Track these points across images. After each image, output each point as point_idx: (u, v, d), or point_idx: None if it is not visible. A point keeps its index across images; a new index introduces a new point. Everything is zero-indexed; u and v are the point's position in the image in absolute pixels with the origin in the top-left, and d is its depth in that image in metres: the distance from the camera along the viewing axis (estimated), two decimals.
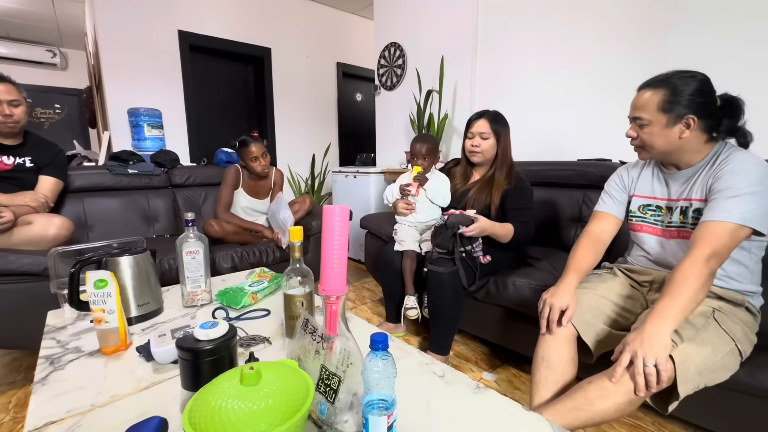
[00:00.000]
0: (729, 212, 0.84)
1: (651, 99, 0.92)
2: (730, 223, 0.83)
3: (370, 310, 2.16)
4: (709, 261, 0.82)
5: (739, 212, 0.83)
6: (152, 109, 3.03)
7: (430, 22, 2.75)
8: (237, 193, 2.12)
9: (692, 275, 0.81)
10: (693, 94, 0.89)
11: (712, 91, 0.92)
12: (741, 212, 0.83)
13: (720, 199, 0.87)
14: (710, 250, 0.82)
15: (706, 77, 0.92)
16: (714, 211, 0.86)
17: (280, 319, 1.02)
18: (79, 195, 2.03)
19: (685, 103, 0.89)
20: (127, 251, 1.03)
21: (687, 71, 0.93)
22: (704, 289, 0.82)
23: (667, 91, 0.90)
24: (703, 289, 0.81)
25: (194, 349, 0.62)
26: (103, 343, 0.84)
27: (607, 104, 1.92)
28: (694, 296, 0.80)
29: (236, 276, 1.45)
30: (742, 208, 0.84)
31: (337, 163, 4.44)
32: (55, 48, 5.35)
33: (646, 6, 1.74)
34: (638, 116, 0.95)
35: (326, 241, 0.61)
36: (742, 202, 0.84)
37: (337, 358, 0.59)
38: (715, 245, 0.83)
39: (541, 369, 0.99)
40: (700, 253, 0.83)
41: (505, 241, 1.48)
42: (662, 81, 0.93)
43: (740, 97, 0.92)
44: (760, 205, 0.84)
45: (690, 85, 0.90)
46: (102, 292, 0.83)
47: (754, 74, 1.49)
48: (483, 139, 1.54)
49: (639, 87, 0.99)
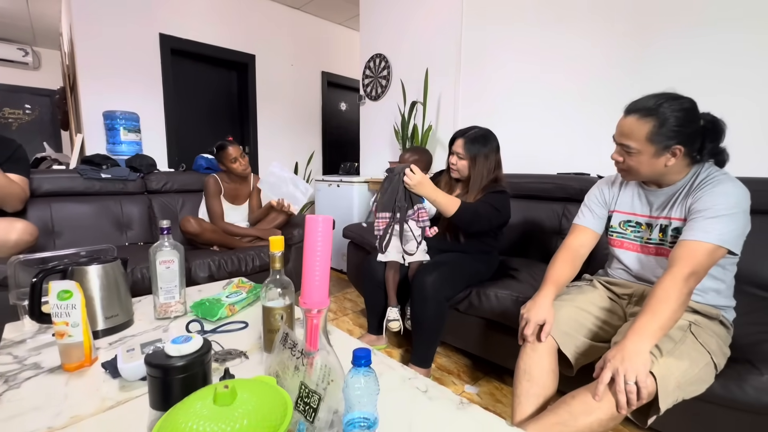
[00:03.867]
0: (708, 233, 0.86)
1: (639, 129, 0.91)
2: (709, 243, 0.86)
3: (352, 321, 2.12)
4: (689, 280, 0.84)
5: (718, 233, 0.86)
6: (129, 112, 2.94)
7: (415, 35, 2.79)
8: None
9: (673, 293, 0.82)
10: (681, 124, 0.89)
11: (698, 118, 0.92)
12: (719, 233, 0.86)
13: (699, 220, 0.89)
14: (690, 270, 0.84)
15: (693, 103, 0.91)
16: (694, 231, 0.88)
17: (258, 332, 0.98)
18: (46, 199, 1.93)
19: (673, 135, 0.89)
20: (96, 260, 0.98)
21: (675, 98, 0.91)
22: (683, 307, 0.83)
23: (656, 122, 0.89)
24: (682, 308, 0.83)
25: (164, 365, 0.58)
26: (65, 359, 0.79)
27: (585, 120, 1.98)
28: (673, 314, 0.82)
29: (213, 286, 1.40)
30: (721, 229, 0.86)
31: (320, 171, 4.41)
32: (28, 47, 5.15)
33: (626, 24, 1.81)
34: (626, 144, 0.95)
35: (308, 253, 0.59)
36: (721, 224, 0.86)
37: (318, 375, 0.56)
38: (695, 265, 0.85)
39: (523, 382, 0.99)
40: (680, 271, 0.84)
41: (447, 213, 1.44)
42: (651, 110, 0.90)
43: (722, 119, 0.93)
44: (736, 227, 0.87)
45: (677, 114, 0.89)
46: (66, 304, 0.78)
47: (731, 92, 1.54)
48: (459, 158, 1.55)
49: (626, 109, 0.96)
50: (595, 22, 1.90)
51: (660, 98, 0.91)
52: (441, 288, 1.43)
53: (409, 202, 1.45)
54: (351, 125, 4.58)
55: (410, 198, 1.45)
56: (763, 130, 1.50)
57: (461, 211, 1.43)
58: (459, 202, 1.44)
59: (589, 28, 1.93)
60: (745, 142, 1.50)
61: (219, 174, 2.15)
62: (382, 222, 1.46)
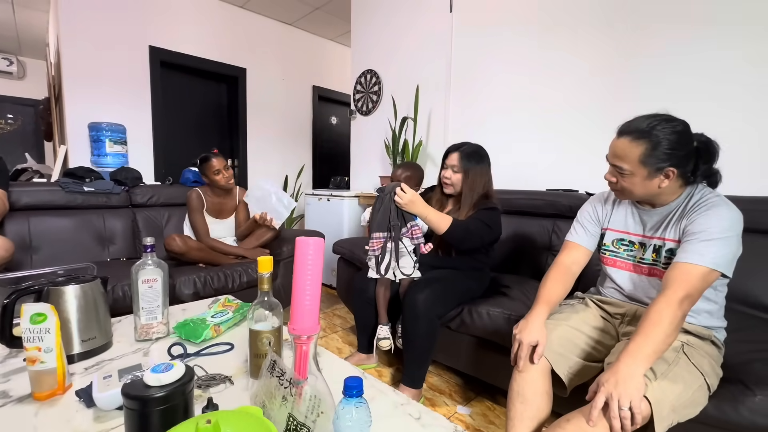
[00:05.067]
0: (703, 256, 0.86)
1: (632, 151, 0.91)
2: (704, 266, 0.85)
3: (342, 339, 2.08)
4: (683, 303, 0.83)
5: (712, 257, 0.85)
6: (116, 124, 2.89)
7: (405, 52, 2.83)
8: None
9: (667, 316, 0.82)
10: (674, 147, 0.89)
11: (691, 141, 0.92)
12: (714, 257, 0.85)
13: (694, 242, 0.89)
14: (684, 293, 0.83)
15: (686, 126, 0.91)
16: (688, 253, 0.88)
17: (244, 354, 0.94)
18: (24, 213, 1.86)
19: (666, 157, 0.89)
20: (74, 279, 0.94)
21: (668, 120, 0.91)
22: (677, 330, 0.83)
23: (648, 145, 0.89)
24: (676, 331, 0.83)
25: (143, 397, 0.55)
26: (35, 387, 0.74)
27: (574, 137, 2.01)
28: (667, 338, 0.81)
29: (198, 305, 1.35)
30: (715, 252, 0.86)
31: (310, 185, 4.39)
32: (13, 56, 5.07)
33: (615, 42, 1.85)
34: (618, 165, 0.95)
35: (298, 277, 0.56)
36: (715, 247, 0.86)
37: (307, 406, 0.53)
38: (689, 288, 0.84)
39: (516, 404, 0.97)
40: (674, 294, 0.84)
41: (439, 231, 1.43)
42: (644, 132, 0.90)
43: (715, 141, 0.94)
44: (729, 250, 0.87)
45: (670, 137, 0.89)
46: (39, 328, 0.74)
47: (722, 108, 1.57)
48: (453, 172, 1.56)
49: (619, 130, 0.96)
50: (583, 40, 1.95)
51: (653, 120, 0.91)
52: (433, 306, 1.41)
53: (402, 221, 1.44)
54: (342, 139, 4.59)
55: (403, 216, 1.44)
56: (752, 148, 1.53)
57: (453, 228, 1.43)
58: (450, 219, 1.44)
59: (578, 47, 1.98)
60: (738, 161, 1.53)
61: (202, 188, 2.09)
62: (377, 242, 1.45)
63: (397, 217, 1.43)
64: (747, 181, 1.51)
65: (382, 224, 1.44)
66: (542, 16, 2.10)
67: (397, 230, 1.44)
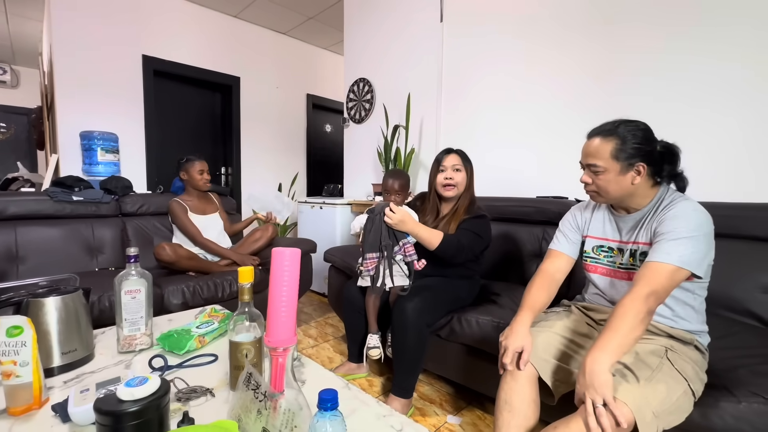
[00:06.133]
0: (669, 254, 0.89)
1: (603, 147, 0.97)
2: (670, 264, 0.88)
3: (333, 348, 2.06)
4: (648, 299, 0.85)
5: (678, 255, 0.88)
6: (108, 132, 2.89)
7: (398, 61, 2.86)
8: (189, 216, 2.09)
9: (631, 311, 0.84)
10: (640, 142, 0.95)
11: (654, 140, 0.99)
12: (679, 255, 0.88)
13: (662, 242, 0.91)
14: (649, 289, 0.86)
15: (647, 126, 0.99)
16: (655, 253, 0.91)
17: (227, 366, 0.93)
18: (11, 223, 1.85)
19: (634, 152, 0.95)
20: (55, 291, 0.93)
21: (631, 121, 0.99)
22: (642, 325, 0.84)
23: (617, 140, 0.96)
24: (641, 325, 0.84)
25: (115, 412, 0.54)
26: (10, 402, 0.73)
27: (563, 144, 2.03)
28: (632, 331, 0.83)
29: (185, 315, 1.34)
30: (681, 251, 0.88)
31: (304, 192, 4.39)
32: (6, 65, 5.06)
33: (604, 55, 1.88)
34: (593, 163, 0.99)
35: (274, 288, 0.56)
36: (681, 246, 0.89)
37: (281, 420, 0.53)
38: (655, 284, 0.86)
39: (504, 413, 0.97)
40: (639, 290, 0.86)
41: (431, 248, 1.45)
42: (611, 131, 0.98)
43: (675, 144, 1.00)
44: (696, 249, 0.89)
45: (636, 134, 0.96)
46: (15, 341, 0.73)
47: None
48: (455, 170, 1.57)
49: (588, 134, 1.03)
50: (571, 49, 1.98)
51: (616, 122, 0.99)
52: (422, 314, 1.40)
53: (394, 239, 1.45)
54: (335, 147, 4.60)
55: (394, 235, 1.44)
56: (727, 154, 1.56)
57: (444, 244, 1.44)
58: (441, 235, 1.45)
59: (566, 56, 2.01)
60: (717, 168, 1.56)
61: (179, 197, 2.12)
62: (371, 262, 1.45)
63: (388, 237, 1.44)
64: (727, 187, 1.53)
65: (374, 245, 1.44)
66: (532, 27, 2.13)
67: (389, 249, 1.44)
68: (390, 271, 1.47)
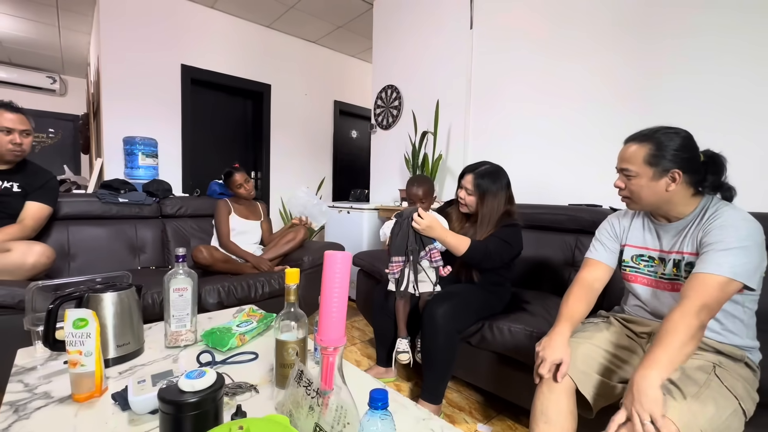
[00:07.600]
0: (720, 265, 0.85)
1: (637, 152, 0.96)
2: (721, 276, 0.84)
3: (360, 351, 2.08)
4: (700, 313, 0.81)
5: (730, 266, 0.84)
6: (148, 138, 3.04)
7: (426, 68, 2.88)
8: (230, 218, 2.22)
9: (682, 326, 0.80)
10: (677, 149, 0.93)
11: (695, 148, 0.96)
12: (731, 266, 0.84)
13: (711, 252, 0.88)
14: (701, 303, 0.82)
15: (688, 134, 0.96)
16: (705, 264, 0.87)
17: (268, 364, 0.97)
18: (64, 223, 1.98)
19: (670, 158, 0.93)
20: (112, 287, 0.99)
21: (671, 128, 0.97)
22: (694, 340, 0.81)
23: (652, 145, 0.94)
24: (693, 341, 0.81)
25: (178, 402, 0.58)
26: (75, 389, 0.78)
27: (596, 152, 1.99)
28: (683, 347, 0.80)
29: (224, 314, 1.39)
30: (733, 261, 0.84)
31: (330, 197, 4.46)
32: (56, 74, 5.42)
33: (636, 57, 1.84)
34: (625, 168, 0.99)
35: (326, 290, 0.59)
36: (732, 256, 0.85)
37: (333, 417, 0.55)
38: (706, 298, 0.83)
39: (540, 424, 0.95)
40: (690, 304, 0.83)
41: (458, 254, 1.45)
42: (647, 136, 0.97)
43: (722, 154, 0.97)
44: (749, 260, 0.85)
45: (674, 141, 0.94)
46: (81, 333, 0.79)
47: (735, 131, 1.56)
48: (467, 194, 1.56)
49: (625, 140, 1.02)
50: (604, 56, 1.95)
51: (655, 128, 0.98)
52: (452, 320, 1.40)
53: (420, 244, 1.46)
54: (362, 152, 4.66)
55: (421, 240, 1.46)
56: None
57: (471, 250, 1.44)
58: (469, 241, 1.44)
59: (598, 62, 1.97)
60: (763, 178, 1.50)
61: (230, 198, 2.30)
62: (396, 266, 1.46)
63: (415, 242, 1.45)
64: None
65: (400, 249, 1.46)
66: (563, 34, 2.10)
67: (415, 254, 1.45)
68: (415, 276, 1.48)
